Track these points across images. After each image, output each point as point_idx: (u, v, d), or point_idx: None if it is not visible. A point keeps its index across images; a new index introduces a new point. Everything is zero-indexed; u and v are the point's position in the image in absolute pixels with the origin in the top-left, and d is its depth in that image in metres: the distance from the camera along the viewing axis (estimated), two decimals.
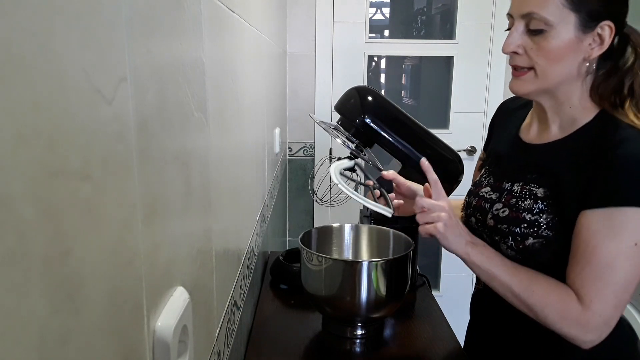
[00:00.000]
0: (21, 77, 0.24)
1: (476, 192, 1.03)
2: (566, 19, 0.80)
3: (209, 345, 0.67)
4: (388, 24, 2.62)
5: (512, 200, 0.91)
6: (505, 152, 1.01)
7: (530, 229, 0.87)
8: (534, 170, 0.91)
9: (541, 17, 0.81)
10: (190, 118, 0.55)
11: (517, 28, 0.84)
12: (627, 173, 0.77)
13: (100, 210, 0.32)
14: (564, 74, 0.84)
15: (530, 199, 0.89)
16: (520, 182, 0.92)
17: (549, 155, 0.90)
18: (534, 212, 0.87)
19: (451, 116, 2.47)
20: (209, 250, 0.66)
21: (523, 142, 0.97)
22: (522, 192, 0.90)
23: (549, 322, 0.82)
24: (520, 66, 0.86)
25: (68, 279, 0.28)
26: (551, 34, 0.81)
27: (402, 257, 1.05)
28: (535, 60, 0.84)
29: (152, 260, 0.43)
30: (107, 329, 0.34)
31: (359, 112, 1.25)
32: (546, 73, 0.84)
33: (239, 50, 0.91)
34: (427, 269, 2.51)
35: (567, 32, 0.81)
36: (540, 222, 0.86)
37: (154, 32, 0.44)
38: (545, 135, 0.93)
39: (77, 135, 0.29)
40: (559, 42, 0.81)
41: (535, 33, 0.82)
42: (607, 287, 0.78)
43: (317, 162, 2.42)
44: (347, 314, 1.07)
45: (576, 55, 0.83)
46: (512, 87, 0.90)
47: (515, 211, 0.90)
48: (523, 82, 0.87)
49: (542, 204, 0.87)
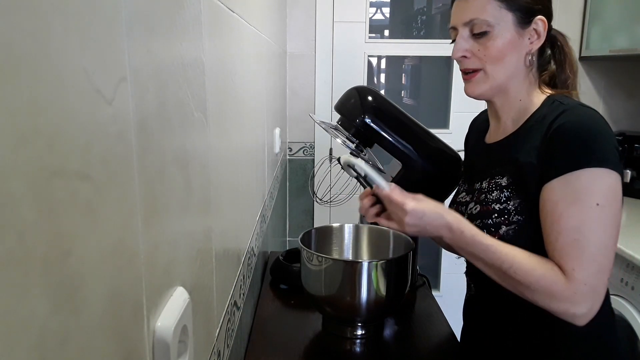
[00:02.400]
0: (21, 77, 0.24)
1: (454, 199, 1.08)
2: (504, 18, 0.88)
3: (209, 345, 0.67)
4: (388, 24, 2.62)
5: (482, 196, 0.95)
6: (474, 159, 1.07)
7: (501, 218, 0.90)
8: (496, 164, 0.96)
9: (482, 21, 0.88)
10: (190, 118, 0.55)
11: (462, 35, 0.91)
12: (570, 139, 0.81)
13: (100, 210, 0.32)
14: (511, 69, 0.91)
15: (496, 190, 0.93)
16: (487, 178, 0.96)
17: (507, 148, 0.95)
18: (501, 201, 0.91)
19: (451, 116, 2.47)
20: (209, 250, 0.66)
21: (486, 144, 1.04)
22: (489, 186, 0.95)
23: (537, 300, 0.83)
24: (471, 69, 0.92)
25: (68, 279, 0.28)
26: (494, 34, 0.89)
27: (402, 257, 1.05)
28: (484, 60, 0.90)
29: (152, 260, 0.43)
30: (107, 329, 0.34)
31: (359, 112, 1.25)
32: (495, 70, 0.91)
33: (239, 50, 0.91)
34: (427, 269, 2.51)
35: (507, 30, 0.89)
36: (509, 209, 0.90)
37: (154, 32, 0.44)
38: (500, 133, 0.99)
39: (77, 135, 0.29)
40: (503, 40, 0.89)
41: (480, 36, 0.89)
42: (583, 252, 0.79)
43: (317, 162, 2.42)
44: (347, 314, 1.07)
45: (519, 50, 0.90)
46: (466, 90, 0.95)
47: (485, 205, 0.94)
48: (476, 84, 0.93)
49: (507, 191, 0.91)
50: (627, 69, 2.40)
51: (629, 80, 2.42)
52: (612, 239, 0.81)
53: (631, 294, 1.65)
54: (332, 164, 1.57)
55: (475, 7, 0.89)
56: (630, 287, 1.65)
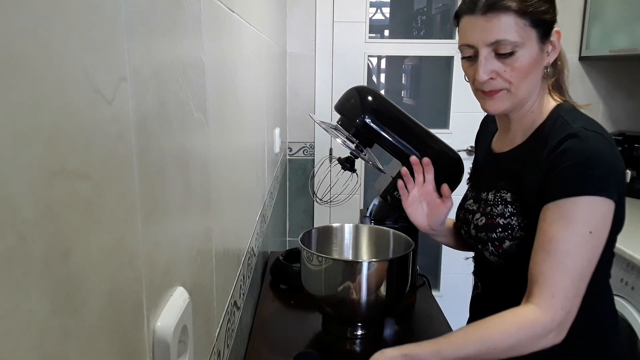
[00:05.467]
0: (21, 77, 0.24)
1: (462, 204, 1.08)
2: (529, 36, 0.85)
3: (209, 345, 0.67)
4: (388, 24, 2.62)
5: (488, 208, 0.96)
6: (481, 164, 1.07)
7: (505, 232, 0.91)
8: (501, 177, 0.96)
9: (509, 42, 0.84)
10: (190, 118, 0.55)
11: (485, 56, 0.87)
12: (570, 165, 0.81)
13: (100, 210, 0.32)
14: (533, 84, 0.90)
15: (501, 204, 0.93)
16: (493, 190, 0.96)
17: (512, 161, 0.95)
18: (505, 216, 0.92)
19: (451, 116, 2.47)
20: (209, 250, 0.66)
21: (493, 152, 1.03)
22: (495, 199, 0.95)
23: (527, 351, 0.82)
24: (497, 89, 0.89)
25: (68, 279, 0.28)
26: (520, 54, 0.85)
27: (402, 257, 1.05)
28: (510, 81, 0.87)
29: (152, 260, 0.43)
30: (107, 329, 0.34)
31: (359, 112, 1.24)
32: (519, 88, 0.88)
33: (239, 50, 0.91)
34: (427, 269, 2.51)
35: (532, 47, 0.86)
36: (512, 224, 0.91)
37: (154, 32, 0.44)
38: (508, 143, 0.98)
39: (77, 135, 0.29)
40: (528, 59, 0.86)
41: (505, 56, 0.86)
42: (567, 277, 0.80)
43: (317, 162, 2.42)
44: (347, 314, 1.07)
45: (540, 65, 0.89)
46: (488, 107, 0.93)
47: (490, 218, 0.94)
48: (499, 101, 0.91)
49: (511, 207, 0.91)
50: (627, 69, 2.40)
51: (629, 80, 2.42)
52: (592, 266, 0.82)
53: (631, 294, 1.65)
54: (332, 164, 1.57)
55: (500, 27, 0.84)
56: (630, 287, 1.65)
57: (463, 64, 0.94)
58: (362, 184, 2.44)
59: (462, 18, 0.90)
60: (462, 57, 0.93)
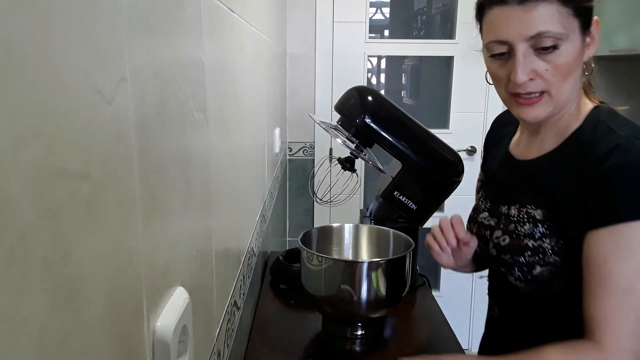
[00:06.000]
0: (21, 77, 0.24)
1: (475, 218, 0.97)
2: (572, 26, 0.74)
3: (209, 345, 0.67)
4: (388, 24, 2.62)
5: (511, 225, 0.84)
6: (497, 171, 0.94)
7: (535, 257, 0.80)
8: (528, 190, 0.84)
9: (552, 34, 0.73)
10: (190, 118, 0.55)
11: (523, 52, 0.74)
12: (626, 184, 0.71)
13: (100, 210, 0.32)
14: (573, 84, 0.79)
15: (529, 222, 0.81)
16: (517, 205, 0.84)
17: (541, 171, 0.83)
18: (535, 237, 0.80)
19: (451, 116, 2.47)
20: (209, 250, 0.66)
21: (514, 158, 0.90)
22: (520, 215, 0.83)
23: None
24: (534, 92, 0.77)
25: (68, 279, 0.28)
26: (563, 48, 0.74)
27: (402, 257, 1.05)
28: (551, 82, 0.76)
29: (152, 260, 0.43)
30: (107, 329, 0.34)
31: (359, 112, 1.25)
32: (560, 90, 0.77)
33: (239, 50, 0.91)
34: (427, 269, 2.50)
35: (575, 40, 0.75)
36: (544, 247, 0.79)
37: (154, 32, 0.44)
38: (535, 149, 0.86)
39: (77, 136, 0.29)
40: (573, 54, 0.75)
41: (547, 52, 0.74)
42: (629, 316, 0.70)
43: (317, 162, 2.42)
44: (347, 314, 1.07)
45: (581, 61, 0.78)
46: (525, 116, 0.79)
47: (516, 238, 0.82)
48: (538, 108, 0.78)
49: (542, 227, 0.80)
50: (627, 69, 2.40)
51: (629, 80, 2.42)
52: None
53: None
54: (332, 164, 1.57)
55: (542, 17, 0.72)
56: None
57: (490, 65, 0.81)
58: (362, 184, 2.44)
59: (489, 10, 0.77)
60: (489, 56, 0.80)
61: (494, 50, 0.78)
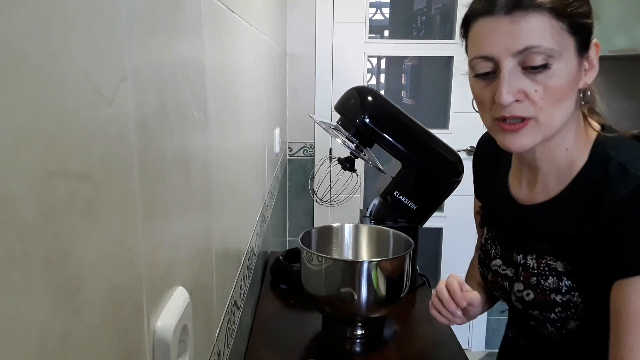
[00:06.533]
0: (21, 77, 0.24)
1: (488, 264, 0.90)
2: (567, 44, 0.66)
3: (209, 345, 0.67)
4: (388, 24, 2.62)
5: (532, 279, 0.78)
6: (502, 216, 0.87)
7: (567, 312, 0.74)
8: (543, 239, 0.77)
9: (543, 50, 0.65)
10: (190, 118, 0.55)
11: (509, 69, 0.66)
12: None
13: (101, 210, 0.32)
14: (567, 112, 0.69)
15: (552, 275, 0.75)
16: (534, 255, 0.78)
17: (552, 218, 0.76)
18: (562, 291, 0.74)
19: (451, 116, 2.47)
20: (209, 250, 0.66)
21: (518, 203, 0.83)
22: (540, 267, 0.77)
23: None
24: (520, 117, 0.68)
25: (68, 279, 0.28)
26: (556, 67, 0.66)
27: (402, 257, 1.05)
28: (540, 105, 0.67)
29: (152, 260, 0.43)
30: (107, 329, 0.34)
31: (359, 112, 1.25)
32: (551, 117, 0.68)
33: (239, 50, 0.91)
34: (427, 269, 2.51)
35: (570, 61, 0.67)
36: (574, 301, 0.74)
37: (154, 32, 0.44)
38: (540, 192, 0.79)
39: (77, 136, 0.29)
40: (566, 75, 0.67)
41: (536, 71, 0.66)
42: None
43: (317, 162, 2.42)
44: (347, 314, 1.07)
45: (576, 87, 0.69)
46: (509, 144, 0.71)
47: (541, 293, 0.77)
48: (525, 137, 0.69)
49: (567, 280, 0.74)
50: (627, 69, 2.40)
51: (629, 80, 2.42)
52: None
53: None
54: (332, 164, 1.57)
55: (530, 29, 0.64)
56: None
57: (474, 86, 0.73)
58: (362, 184, 2.44)
59: (474, 22, 0.70)
60: (473, 76, 0.72)
61: (478, 68, 0.70)
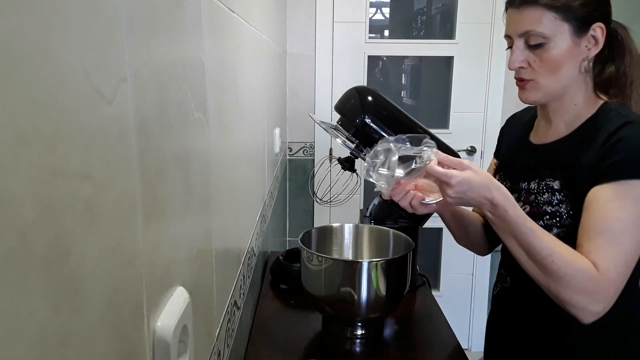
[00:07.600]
0: (21, 77, 0.24)
1: None
2: (560, 29, 0.87)
3: (209, 345, 0.67)
4: (388, 24, 2.62)
5: (531, 197, 0.95)
6: (516, 157, 1.05)
7: (552, 220, 0.91)
8: (547, 166, 0.95)
9: (538, 33, 0.88)
10: (190, 118, 0.55)
11: (518, 46, 0.91)
12: (633, 149, 0.82)
13: (100, 210, 0.32)
14: (566, 78, 0.91)
15: (547, 192, 0.93)
16: (536, 179, 0.96)
17: (558, 151, 0.95)
18: (553, 203, 0.91)
19: (451, 116, 2.47)
20: (209, 250, 0.66)
21: (532, 144, 1.02)
22: (539, 187, 0.94)
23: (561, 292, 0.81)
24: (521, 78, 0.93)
25: (68, 279, 0.28)
26: (550, 45, 0.88)
27: (402, 257, 1.05)
28: (538, 72, 0.90)
29: (152, 260, 0.43)
30: (107, 329, 0.34)
31: (359, 112, 1.25)
32: (548, 81, 0.91)
33: (239, 50, 0.91)
34: (427, 269, 2.51)
35: (564, 40, 0.88)
36: (561, 212, 0.90)
37: (154, 32, 0.44)
38: (551, 134, 0.98)
39: (77, 135, 0.29)
40: (559, 51, 0.88)
41: (536, 47, 0.89)
42: (621, 255, 0.80)
43: (317, 162, 2.42)
44: (347, 314, 1.07)
45: (576, 58, 0.90)
46: (520, 96, 0.96)
47: (536, 206, 0.94)
48: (528, 92, 0.93)
49: (559, 194, 0.91)
50: None
51: None
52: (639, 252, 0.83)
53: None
54: (332, 164, 1.57)
55: (530, 19, 0.88)
56: None
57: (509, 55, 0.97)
58: (362, 184, 2.43)
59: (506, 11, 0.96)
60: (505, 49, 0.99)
61: (507, 43, 0.96)
